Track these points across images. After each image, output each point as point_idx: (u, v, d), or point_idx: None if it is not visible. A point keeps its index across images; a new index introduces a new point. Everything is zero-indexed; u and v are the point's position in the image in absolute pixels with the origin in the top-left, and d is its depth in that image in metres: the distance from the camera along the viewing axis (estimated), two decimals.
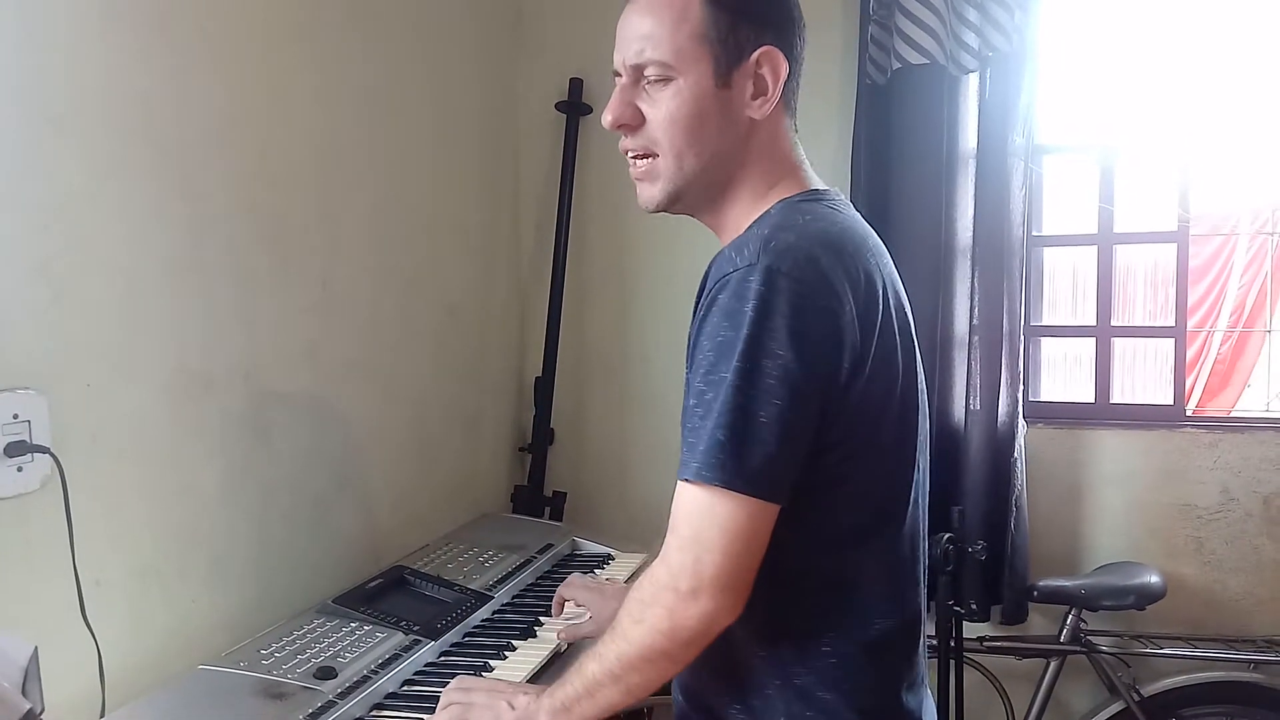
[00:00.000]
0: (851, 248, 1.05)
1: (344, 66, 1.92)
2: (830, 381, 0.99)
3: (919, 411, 1.11)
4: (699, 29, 1.06)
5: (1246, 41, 3.43)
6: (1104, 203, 2.47)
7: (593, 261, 2.68)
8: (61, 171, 1.33)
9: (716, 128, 1.08)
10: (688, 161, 1.09)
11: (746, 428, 0.96)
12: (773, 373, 0.96)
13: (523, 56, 2.65)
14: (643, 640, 1.01)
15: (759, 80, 1.08)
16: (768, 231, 1.02)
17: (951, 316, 2.36)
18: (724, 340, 0.97)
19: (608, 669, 1.04)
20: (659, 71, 1.07)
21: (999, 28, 2.26)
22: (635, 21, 1.09)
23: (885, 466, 1.08)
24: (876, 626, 1.07)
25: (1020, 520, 2.33)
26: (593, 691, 1.06)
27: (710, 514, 0.97)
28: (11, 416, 1.24)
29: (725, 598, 0.98)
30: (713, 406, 0.97)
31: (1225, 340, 4.76)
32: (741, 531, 0.97)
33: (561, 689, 1.09)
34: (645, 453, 2.65)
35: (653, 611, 1.00)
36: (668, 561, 1.00)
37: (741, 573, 0.99)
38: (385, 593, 1.72)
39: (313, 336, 1.83)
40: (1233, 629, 2.31)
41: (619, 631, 1.04)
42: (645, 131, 1.09)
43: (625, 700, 1.06)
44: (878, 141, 2.35)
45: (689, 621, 0.99)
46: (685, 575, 0.98)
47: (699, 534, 0.98)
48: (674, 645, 1.01)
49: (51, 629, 1.27)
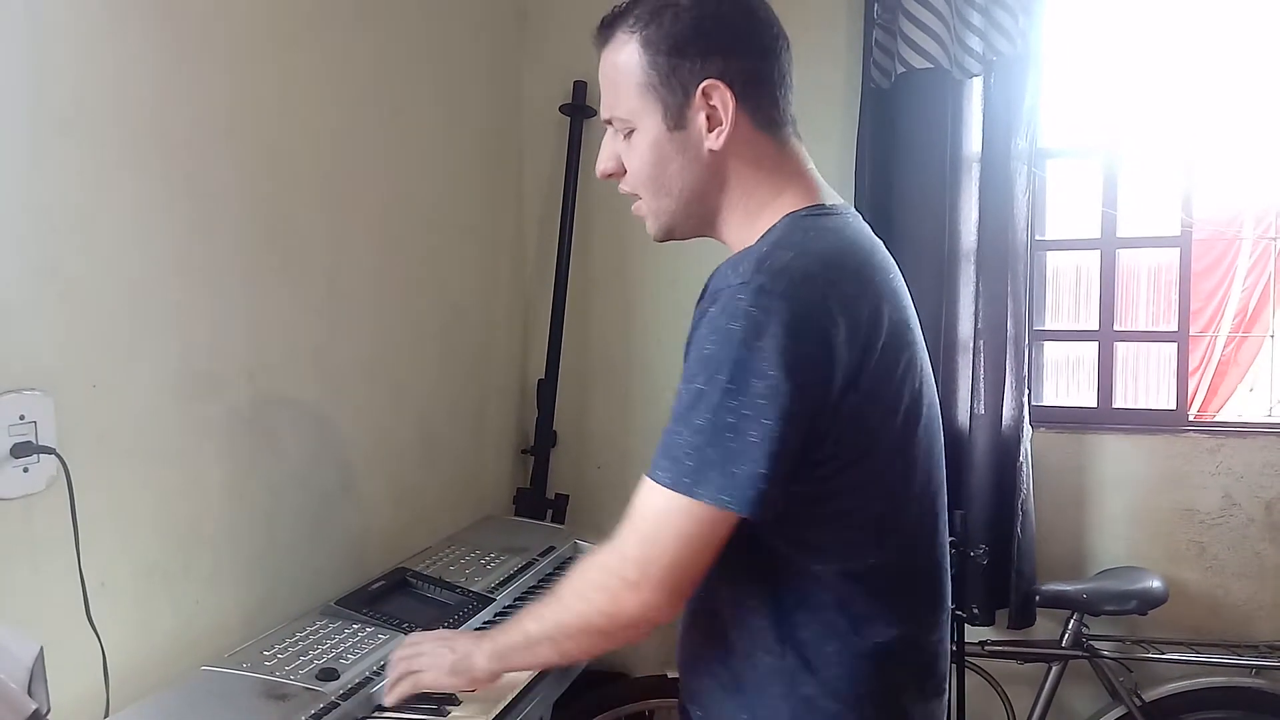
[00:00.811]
0: (853, 265, 1.05)
1: (350, 69, 1.92)
2: (821, 400, 0.99)
3: (922, 423, 1.10)
4: (641, 79, 1.09)
5: (1249, 46, 3.43)
6: (1107, 207, 2.47)
7: (596, 264, 2.68)
8: (69, 172, 1.33)
9: (680, 168, 1.11)
10: (664, 203, 1.15)
11: (721, 443, 0.98)
12: (761, 392, 0.97)
13: (526, 59, 2.66)
14: (584, 615, 1.09)
15: (712, 112, 1.09)
16: (765, 249, 1.03)
17: (956, 320, 2.36)
18: (709, 355, 0.99)
19: (546, 632, 1.14)
20: (623, 125, 1.13)
21: (1003, 32, 2.26)
22: (600, 77, 1.15)
23: (885, 478, 1.08)
24: (880, 637, 1.07)
25: (1027, 524, 2.33)
26: (530, 646, 1.17)
27: (669, 518, 1.01)
28: (18, 417, 1.25)
29: (667, 596, 1.03)
30: (689, 418, 1.00)
31: (1229, 344, 4.76)
32: (696, 539, 1.01)
33: (502, 637, 1.21)
34: (648, 455, 2.59)
35: (598, 595, 1.07)
36: (621, 551, 1.05)
37: (688, 575, 1.03)
38: (388, 595, 1.72)
39: (318, 337, 1.84)
40: (1235, 634, 2.31)
41: (563, 602, 1.12)
42: (628, 179, 1.16)
43: (559, 661, 1.22)
44: (882, 145, 2.35)
45: (629, 609, 1.05)
46: (633, 568, 1.03)
47: (656, 534, 1.02)
48: (612, 627, 1.08)
49: (57, 629, 1.27)
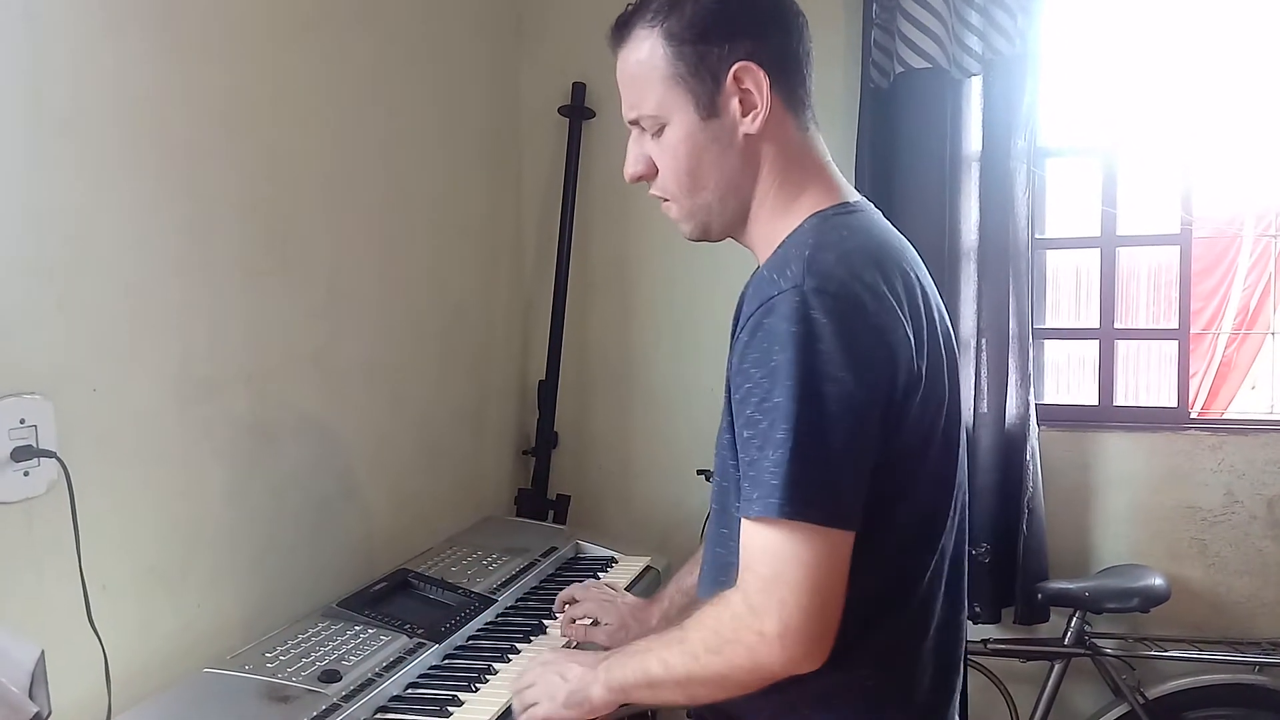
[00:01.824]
0: (893, 262, 1.04)
1: (349, 70, 1.92)
2: (888, 400, 0.97)
3: (960, 423, 1.10)
4: (668, 72, 1.07)
5: (1248, 43, 3.42)
6: (1107, 205, 2.47)
7: (596, 265, 2.68)
8: (66, 174, 1.33)
9: (716, 158, 1.09)
10: (700, 198, 1.11)
11: (816, 458, 0.93)
12: (835, 397, 0.93)
13: (525, 61, 2.66)
14: (719, 671, 1.00)
15: (745, 96, 1.07)
16: (809, 252, 1.00)
17: (957, 320, 2.35)
18: (775, 365, 0.94)
19: (674, 677, 1.04)
20: (651, 124, 1.10)
21: (1001, 31, 2.26)
22: (621, 78, 1.12)
23: (934, 482, 1.06)
24: (909, 642, 1.06)
25: (1035, 521, 2.32)
26: (654, 685, 1.06)
27: (789, 550, 0.94)
28: (18, 421, 1.25)
29: (813, 645, 0.95)
30: (772, 436, 0.94)
31: (1230, 342, 4.75)
32: (825, 565, 0.94)
33: (621, 669, 1.09)
34: (649, 456, 2.65)
35: (733, 649, 0.98)
36: (749, 600, 0.96)
37: (828, 612, 0.95)
38: (389, 596, 1.72)
39: (318, 339, 1.84)
40: (1237, 631, 2.30)
41: (689, 650, 1.02)
42: (659, 180, 1.12)
43: (685, 704, 1.09)
44: (881, 146, 2.35)
45: (773, 667, 0.96)
46: (770, 618, 0.94)
47: (781, 573, 0.94)
48: (752, 680, 0.99)
49: (58, 632, 1.27)
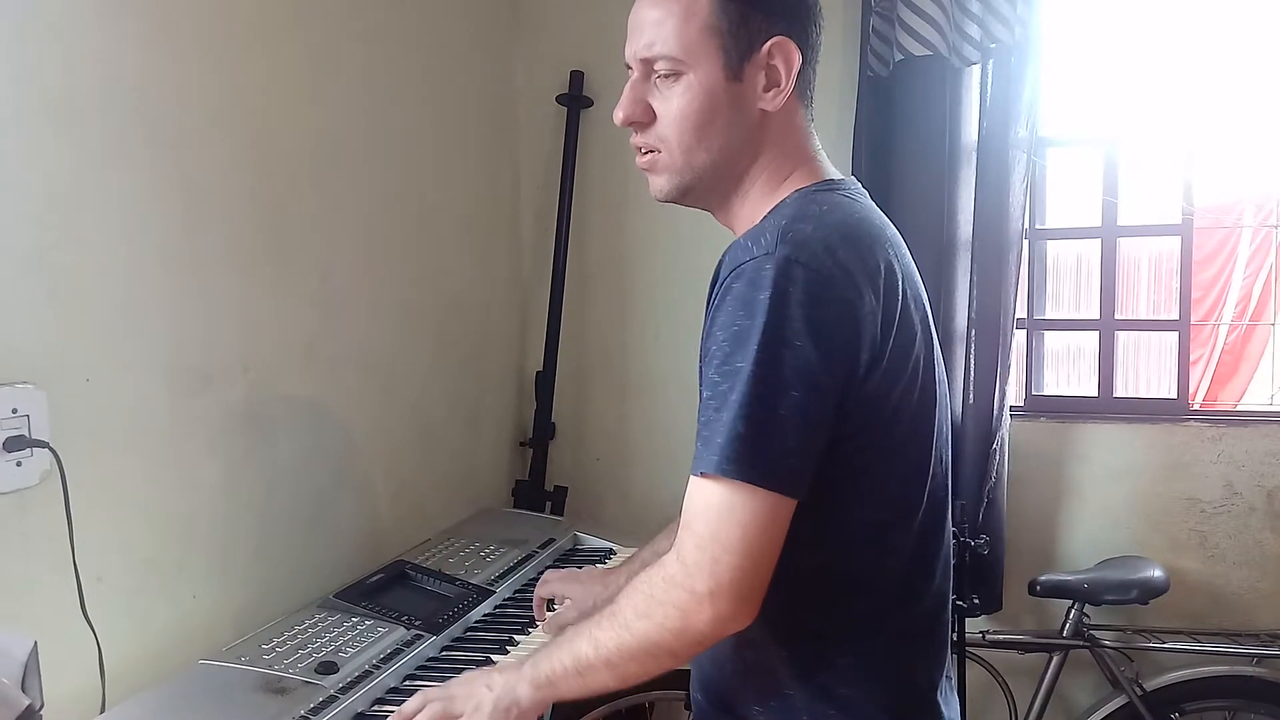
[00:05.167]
0: (869, 239, 1.03)
1: (343, 58, 1.91)
2: (849, 374, 0.97)
3: (936, 405, 1.09)
4: (708, 21, 1.04)
5: (1250, 33, 3.41)
6: (1108, 195, 2.46)
7: (593, 255, 2.67)
8: (58, 163, 1.32)
9: (727, 122, 1.06)
10: (697, 157, 1.07)
11: (765, 420, 0.93)
12: (791, 364, 0.93)
13: (522, 49, 2.64)
14: (648, 635, 0.99)
15: (771, 71, 1.06)
16: (785, 222, 0.99)
17: (952, 310, 2.34)
18: (739, 330, 0.95)
19: (604, 655, 1.02)
20: (669, 66, 1.05)
21: (1001, 19, 2.25)
22: (644, 13, 1.07)
23: (901, 460, 1.06)
24: (894, 622, 1.06)
25: (994, 512, 2.30)
26: (582, 671, 1.04)
27: (729, 510, 0.94)
28: (10, 411, 1.24)
29: (741, 605, 0.95)
30: (728, 398, 0.94)
31: (1231, 333, 4.75)
32: (761, 528, 0.94)
33: (546, 662, 1.06)
34: (646, 447, 2.65)
35: (664, 610, 0.98)
36: (683, 559, 0.97)
37: (760, 574, 0.96)
38: (387, 587, 1.72)
39: (312, 330, 1.83)
40: (1236, 623, 2.30)
41: (620, 620, 1.01)
42: (655, 128, 1.08)
43: (616, 686, 1.04)
44: (879, 134, 2.34)
45: (701, 624, 0.96)
46: (702, 575, 0.95)
47: (717, 532, 0.94)
48: (680, 644, 0.99)
49: (51, 624, 1.27)
